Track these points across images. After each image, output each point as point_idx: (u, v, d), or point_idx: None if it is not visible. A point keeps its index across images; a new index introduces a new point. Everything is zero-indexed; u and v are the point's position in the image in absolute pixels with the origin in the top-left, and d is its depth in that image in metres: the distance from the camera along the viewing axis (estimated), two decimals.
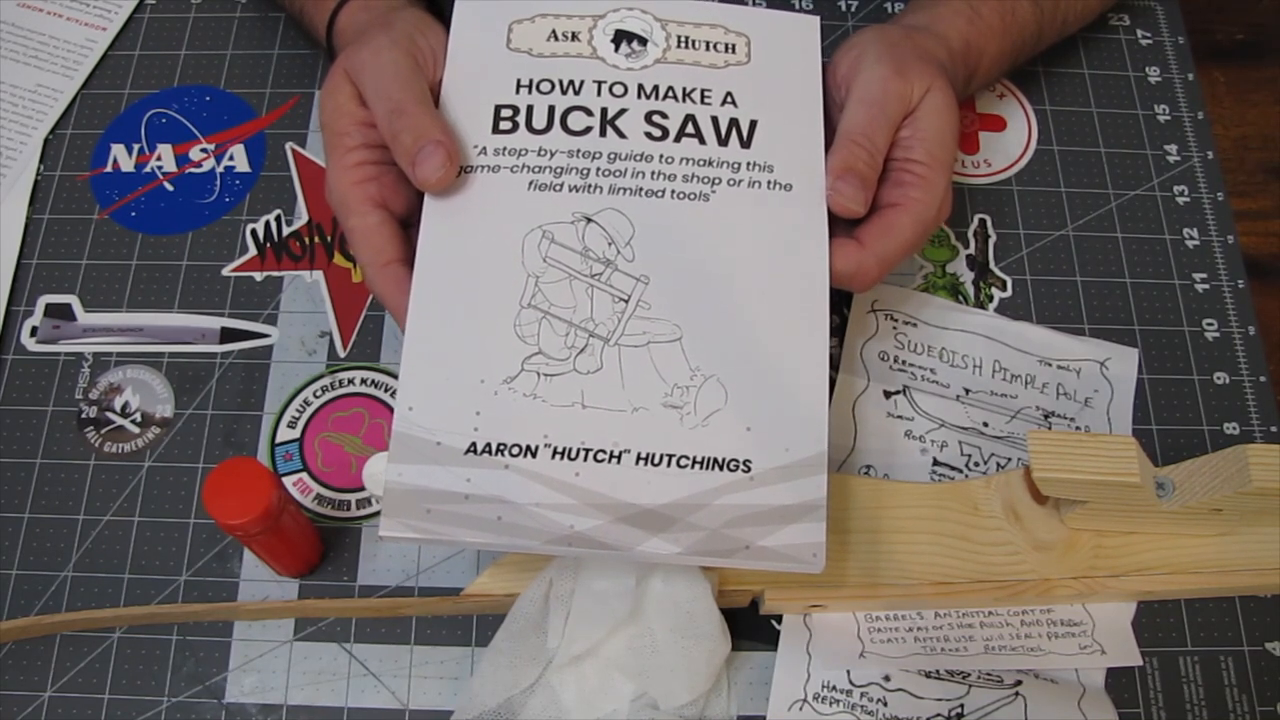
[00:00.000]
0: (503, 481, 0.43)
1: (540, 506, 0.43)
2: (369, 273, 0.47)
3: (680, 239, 0.47)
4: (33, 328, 0.58)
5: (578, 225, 0.47)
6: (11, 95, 0.64)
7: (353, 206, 0.47)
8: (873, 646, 0.50)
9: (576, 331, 0.45)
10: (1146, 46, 0.67)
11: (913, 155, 0.49)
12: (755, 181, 0.48)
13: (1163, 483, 0.48)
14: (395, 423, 0.43)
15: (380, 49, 0.48)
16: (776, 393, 0.45)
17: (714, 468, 0.44)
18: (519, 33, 0.50)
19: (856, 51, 0.50)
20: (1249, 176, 0.64)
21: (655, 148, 0.48)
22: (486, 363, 0.44)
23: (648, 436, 0.44)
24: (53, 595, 0.52)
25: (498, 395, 0.44)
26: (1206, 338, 0.59)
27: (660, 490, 0.43)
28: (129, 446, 0.55)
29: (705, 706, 0.49)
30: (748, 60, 0.50)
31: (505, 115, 0.48)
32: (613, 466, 0.43)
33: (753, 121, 0.49)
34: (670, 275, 0.46)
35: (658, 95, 0.49)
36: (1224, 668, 0.52)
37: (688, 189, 0.48)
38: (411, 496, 0.43)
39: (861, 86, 0.49)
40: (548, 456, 0.43)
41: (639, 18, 0.51)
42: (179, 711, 0.49)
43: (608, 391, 0.45)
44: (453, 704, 0.50)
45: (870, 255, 0.47)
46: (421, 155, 0.45)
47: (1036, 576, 0.49)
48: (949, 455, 0.55)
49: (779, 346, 0.45)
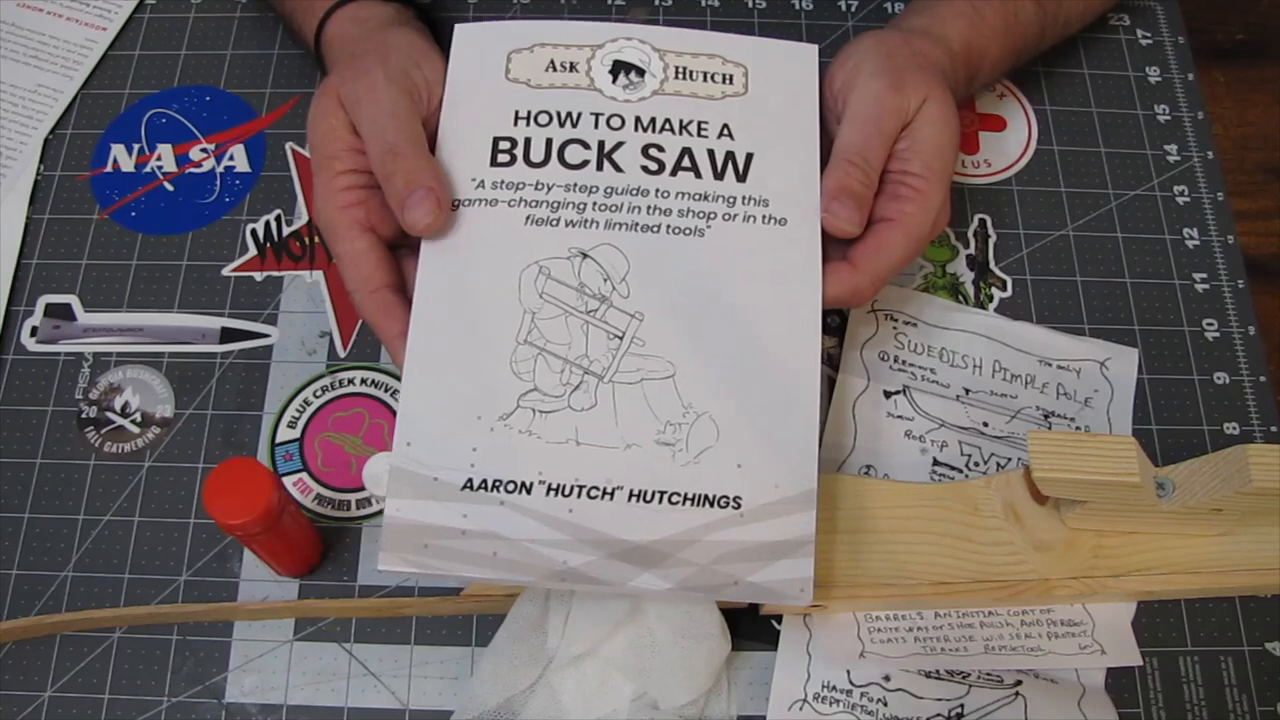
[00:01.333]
0: (498, 517, 0.44)
1: (535, 542, 0.43)
2: (358, 299, 0.47)
3: (675, 275, 0.47)
4: (33, 328, 0.58)
5: (574, 261, 0.47)
6: (11, 95, 0.64)
7: (340, 232, 0.47)
8: (873, 646, 0.50)
9: (572, 369, 0.46)
10: (1146, 46, 0.67)
11: (909, 168, 0.48)
12: (750, 216, 0.48)
13: (1163, 483, 0.48)
14: (393, 458, 0.44)
15: (377, 86, 0.48)
16: (768, 430, 0.45)
17: (705, 504, 0.44)
18: (518, 62, 0.50)
19: (853, 63, 0.50)
20: (1249, 176, 0.64)
21: (651, 181, 0.48)
22: (483, 399, 0.45)
23: (640, 473, 0.44)
24: (53, 595, 0.52)
25: (494, 432, 0.44)
26: (1206, 338, 0.59)
27: (652, 527, 0.44)
28: (129, 446, 0.55)
29: (705, 706, 0.49)
30: (745, 91, 0.50)
31: (503, 148, 0.48)
32: (606, 503, 0.44)
33: (749, 154, 0.49)
34: (665, 312, 0.46)
35: (655, 128, 0.49)
36: (1224, 668, 0.52)
37: (683, 224, 0.48)
38: (410, 531, 0.43)
39: (857, 102, 0.49)
40: (542, 493, 0.44)
41: (637, 48, 0.51)
42: (179, 711, 0.50)
43: (602, 428, 0.45)
44: (453, 704, 0.50)
45: (864, 276, 0.47)
46: (411, 200, 0.45)
47: (1036, 576, 0.49)
48: (949, 455, 0.55)
49: (771, 384, 0.46)
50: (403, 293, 0.47)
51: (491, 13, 0.67)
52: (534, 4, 0.67)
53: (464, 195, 0.47)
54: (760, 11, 0.67)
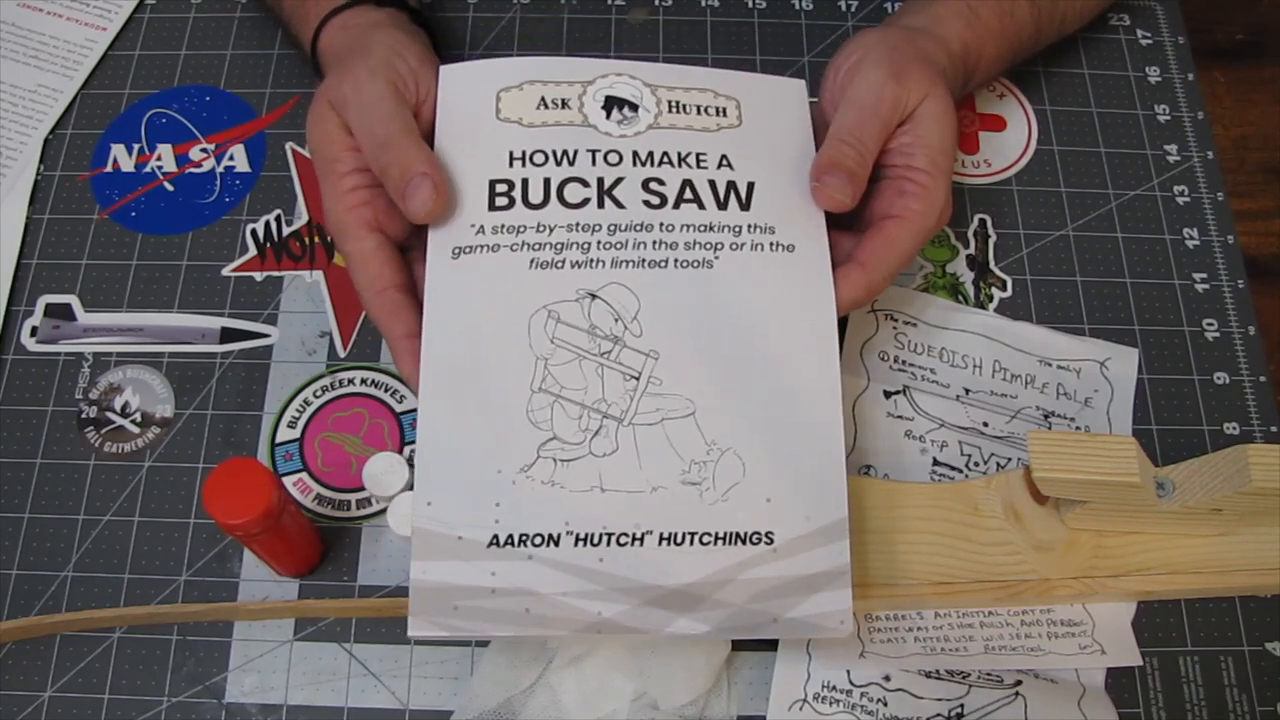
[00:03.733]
0: (528, 572, 0.43)
1: (567, 595, 0.42)
2: (366, 298, 0.47)
3: (687, 310, 0.46)
4: (33, 328, 0.58)
5: (583, 303, 0.46)
6: (11, 95, 0.64)
7: (349, 231, 0.47)
8: (873, 646, 0.50)
9: (590, 414, 0.45)
10: (1146, 46, 0.67)
11: (915, 163, 0.48)
12: (758, 244, 0.47)
13: (1163, 483, 0.48)
14: (415, 520, 0.43)
15: (361, 82, 0.48)
16: (794, 460, 0.45)
17: (737, 542, 0.43)
18: (507, 101, 0.49)
19: (857, 55, 0.50)
20: (1249, 176, 0.64)
21: (655, 216, 0.47)
22: (502, 452, 0.44)
23: (668, 516, 0.44)
24: (53, 595, 0.52)
25: (516, 485, 0.43)
26: (1206, 338, 0.59)
27: (685, 570, 0.43)
28: (129, 446, 0.55)
29: (705, 706, 0.49)
30: (740, 123, 0.50)
31: (500, 191, 0.47)
32: (636, 549, 0.43)
33: (750, 183, 0.48)
34: (679, 348, 0.45)
35: (653, 161, 0.48)
36: (1224, 668, 0.52)
37: (690, 256, 0.47)
38: (438, 594, 0.42)
39: (856, 88, 0.49)
40: (570, 544, 0.43)
41: (628, 83, 0.50)
42: (179, 711, 0.50)
43: (625, 473, 0.44)
44: (453, 704, 0.50)
45: (875, 274, 0.47)
46: (409, 189, 0.45)
47: (1036, 576, 0.49)
48: (949, 455, 0.55)
49: (794, 413, 0.45)
50: (411, 294, 0.47)
51: (491, 13, 0.67)
52: (534, 3, 0.67)
53: (464, 242, 0.46)
54: (760, 11, 0.67)
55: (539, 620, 0.42)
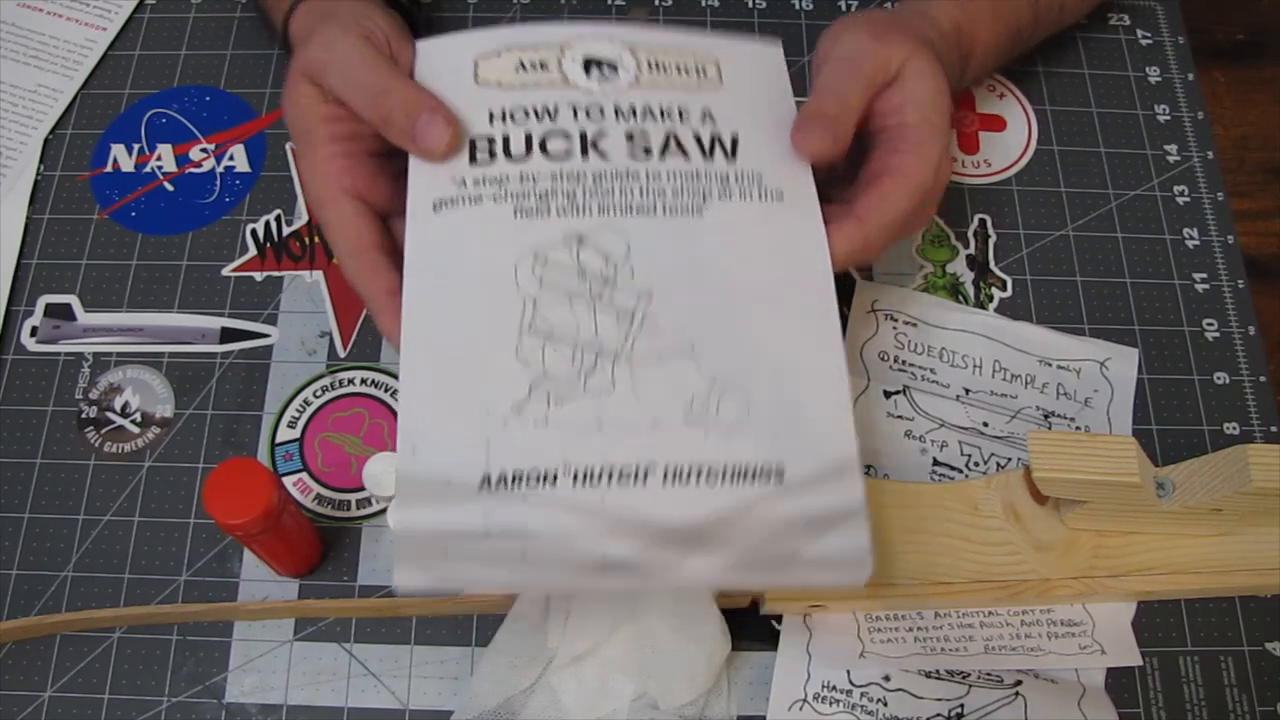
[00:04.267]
0: (523, 513, 0.40)
1: (567, 536, 0.40)
2: (344, 260, 0.46)
3: (679, 253, 0.45)
4: (33, 328, 0.58)
5: (571, 246, 0.44)
6: (11, 95, 0.64)
7: (328, 199, 0.46)
8: (873, 646, 0.50)
9: (583, 353, 0.43)
10: (1146, 46, 0.67)
11: (905, 119, 0.48)
12: (746, 192, 0.46)
13: (1163, 483, 0.48)
14: (399, 467, 0.40)
15: (332, 40, 0.47)
16: (797, 398, 0.43)
17: (742, 479, 0.41)
18: (485, 67, 0.48)
19: (839, 28, 0.50)
20: (1249, 176, 0.64)
21: (641, 165, 0.46)
22: (491, 392, 0.41)
23: (672, 453, 0.41)
24: (53, 595, 0.52)
25: (507, 425, 0.41)
26: (1206, 338, 0.59)
27: (691, 507, 0.41)
28: (129, 446, 0.55)
29: (705, 706, 0.49)
30: (721, 84, 0.49)
31: (481, 148, 0.46)
32: (639, 487, 0.41)
33: (734, 135, 0.48)
34: (673, 290, 0.44)
35: (636, 116, 0.47)
36: (1224, 668, 0.52)
37: (679, 203, 0.46)
38: (425, 541, 0.40)
39: (838, 49, 0.49)
40: (569, 483, 0.40)
41: (607, 43, 0.49)
42: (179, 711, 0.50)
43: (624, 411, 0.42)
44: (453, 704, 0.50)
45: (872, 227, 0.46)
46: (419, 128, 0.44)
47: (1036, 576, 0.49)
48: (949, 455, 0.55)
49: (794, 351, 0.44)
50: (392, 255, 0.46)
51: (491, 13, 0.67)
52: (534, 3, 0.67)
53: (445, 195, 0.45)
54: (760, 11, 0.67)
55: (538, 563, 0.40)
